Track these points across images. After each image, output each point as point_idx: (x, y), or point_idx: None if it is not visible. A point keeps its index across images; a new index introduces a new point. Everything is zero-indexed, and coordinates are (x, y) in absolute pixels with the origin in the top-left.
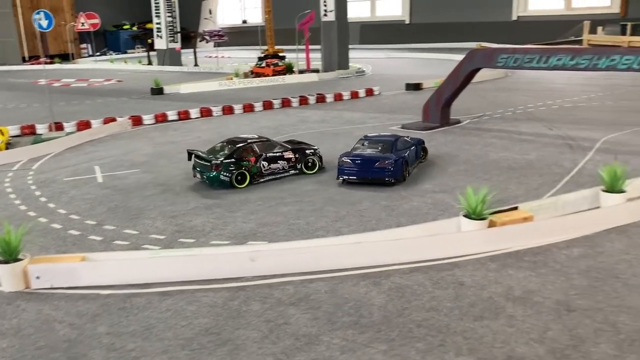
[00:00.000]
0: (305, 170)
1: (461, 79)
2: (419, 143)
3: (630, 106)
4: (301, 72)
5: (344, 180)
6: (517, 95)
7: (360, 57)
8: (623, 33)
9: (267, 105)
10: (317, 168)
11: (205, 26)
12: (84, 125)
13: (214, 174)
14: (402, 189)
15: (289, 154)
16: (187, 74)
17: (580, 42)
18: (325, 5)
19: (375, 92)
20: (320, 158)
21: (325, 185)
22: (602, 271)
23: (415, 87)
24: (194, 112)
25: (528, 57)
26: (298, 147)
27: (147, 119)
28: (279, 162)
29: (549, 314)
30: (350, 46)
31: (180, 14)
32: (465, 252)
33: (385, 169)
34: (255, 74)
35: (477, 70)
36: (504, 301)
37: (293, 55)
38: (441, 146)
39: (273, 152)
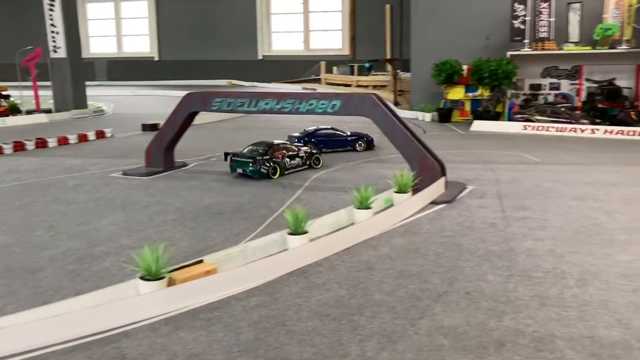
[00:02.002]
0: (314, 166)
1: (179, 122)
2: (361, 137)
3: None
4: (29, 112)
5: None
6: (251, 134)
7: (105, 94)
8: (352, 73)
9: None
10: (320, 164)
11: None
12: None
13: (256, 167)
14: (98, 246)
15: (302, 153)
16: None
17: (319, 80)
18: (54, 41)
19: (107, 135)
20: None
21: (6, 251)
22: (272, 320)
23: (152, 127)
24: None
25: (240, 102)
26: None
27: None
28: (296, 159)
29: None
30: (95, 83)
31: None
32: (139, 318)
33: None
34: None
35: (196, 113)
36: None
37: (18, 94)
38: (158, 193)
39: (292, 152)
